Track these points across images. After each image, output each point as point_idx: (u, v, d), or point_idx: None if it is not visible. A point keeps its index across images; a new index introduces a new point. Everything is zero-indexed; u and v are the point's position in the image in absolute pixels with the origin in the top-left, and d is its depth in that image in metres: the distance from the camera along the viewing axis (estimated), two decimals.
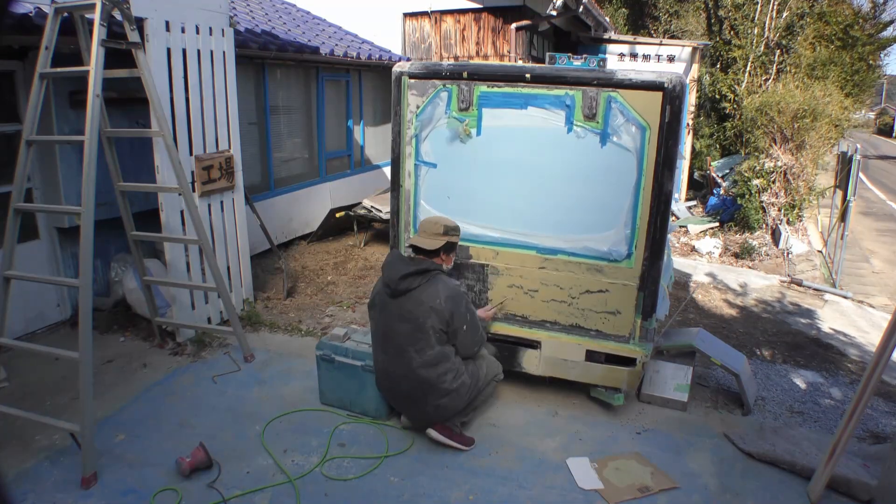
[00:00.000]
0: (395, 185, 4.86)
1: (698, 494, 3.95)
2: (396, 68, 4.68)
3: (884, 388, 5.54)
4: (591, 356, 4.63)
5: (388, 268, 4.16)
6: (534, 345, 4.74)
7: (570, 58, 4.50)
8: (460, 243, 4.74)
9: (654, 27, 22.86)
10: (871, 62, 23.68)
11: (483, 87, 4.49)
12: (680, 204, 13.15)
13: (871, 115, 66.09)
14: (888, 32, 26.24)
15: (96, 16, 4.06)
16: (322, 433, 4.40)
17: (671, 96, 4.08)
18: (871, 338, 6.92)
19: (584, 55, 4.60)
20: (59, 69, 4.27)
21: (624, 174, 4.29)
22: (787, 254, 10.10)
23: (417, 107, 4.67)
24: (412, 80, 4.66)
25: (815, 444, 4.44)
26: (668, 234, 4.44)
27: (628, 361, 4.56)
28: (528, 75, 4.36)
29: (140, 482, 3.85)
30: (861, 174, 24.99)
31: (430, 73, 4.61)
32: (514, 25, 11.20)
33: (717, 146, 15.21)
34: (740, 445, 4.45)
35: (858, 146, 10.64)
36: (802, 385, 5.55)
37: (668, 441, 4.51)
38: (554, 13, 10.73)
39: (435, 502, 3.78)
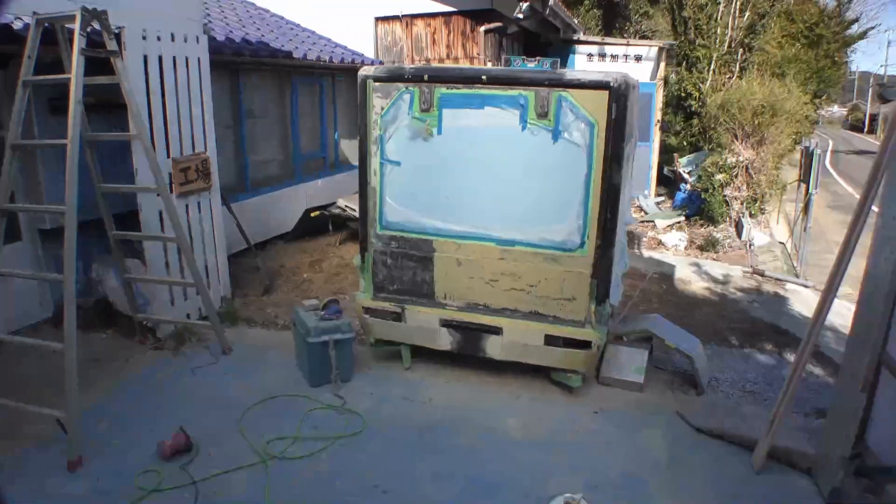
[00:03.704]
0: (363, 183, 5.11)
1: (650, 466, 4.25)
2: (361, 72, 4.93)
3: (834, 369, 5.83)
4: (550, 340, 4.90)
5: None
6: (496, 331, 5.00)
7: (525, 60, 4.78)
8: (423, 237, 5.01)
9: (626, 28, 23.23)
10: (836, 59, 24.19)
11: (443, 89, 4.75)
12: (649, 199, 13.49)
13: (844, 111, 67.07)
14: (853, 30, 26.85)
15: (76, 26, 4.29)
16: (295, 417, 4.65)
17: (617, 95, 4.37)
18: (828, 323, 7.20)
19: (538, 57, 4.88)
20: (41, 77, 4.49)
21: (575, 169, 4.58)
22: (750, 245, 10.44)
23: (382, 108, 4.92)
24: (377, 84, 4.91)
25: (763, 420, 4.70)
26: (619, 224, 4.73)
27: (584, 345, 4.84)
28: (484, 77, 4.63)
29: (124, 465, 4.08)
30: (831, 169, 25.57)
31: (394, 77, 4.87)
32: (482, 28, 11.46)
33: (686, 143, 15.57)
34: (691, 422, 4.74)
35: (817, 141, 10.99)
36: (756, 367, 5.83)
37: (624, 419, 4.80)
38: (521, 16, 10.99)
39: (401, 478, 4.05)
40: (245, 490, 3.91)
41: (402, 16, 11.93)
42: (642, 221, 12.11)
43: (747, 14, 15.08)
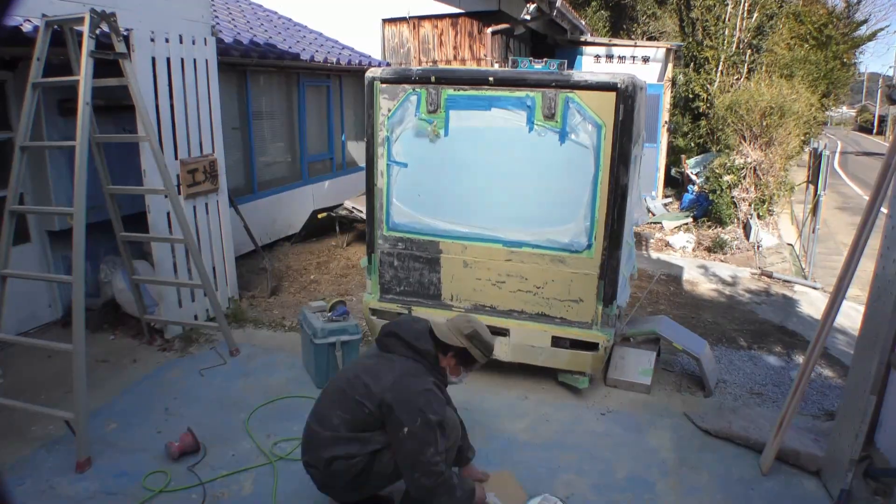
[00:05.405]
0: (370, 184, 5.12)
1: (657, 468, 4.23)
2: (369, 74, 4.94)
3: (842, 371, 5.82)
4: (557, 342, 4.91)
5: (401, 323, 3.61)
6: (503, 333, 4.99)
7: (532, 61, 4.79)
8: (430, 238, 5.01)
9: (633, 29, 23.22)
10: (845, 60, 24.14)
11: (450, 91, 4.76)
12: (657, 201, 13.47)
13: (852, 112, 66.90)
14: (862, 31, 26.80)
15: (85, 28, 4.31)
16: (302, 418, 4.59)
17: (624, 96, 4.37)
18: (837, 325, 7.18)
19: (545, 59, 4.88)
20: (50, 79, 4.52)
21: (582, 170, 4.57)
22: (758, 247, 10.40)
23: (389, 110, 4.93)
24: (383, 85, 4.92)
25: (771, 421, 4.69)
26: (626, 225, 4.73)
27: (592, 346, 4.84)
28: (491, 78, 4.64)
29: (131, 466, 4.09)
30: (840, 170, 25.49)
31: (401, 78, 4.88)
32: (490, 30, 11.47)
33: (693, 144, 15.56)
34: (699, 423, 4.73)
35: (825, 143, 10.95)
36: (764, 369, 5.82)
37: (631, 421, 4.79)
38: (528, 18, 11.00)
39: None
40: (252, 491, 3.91)
41: (410, 17, 11.96)
42: (650, 223, 12.09)
43: (755, 15, 15.07)
